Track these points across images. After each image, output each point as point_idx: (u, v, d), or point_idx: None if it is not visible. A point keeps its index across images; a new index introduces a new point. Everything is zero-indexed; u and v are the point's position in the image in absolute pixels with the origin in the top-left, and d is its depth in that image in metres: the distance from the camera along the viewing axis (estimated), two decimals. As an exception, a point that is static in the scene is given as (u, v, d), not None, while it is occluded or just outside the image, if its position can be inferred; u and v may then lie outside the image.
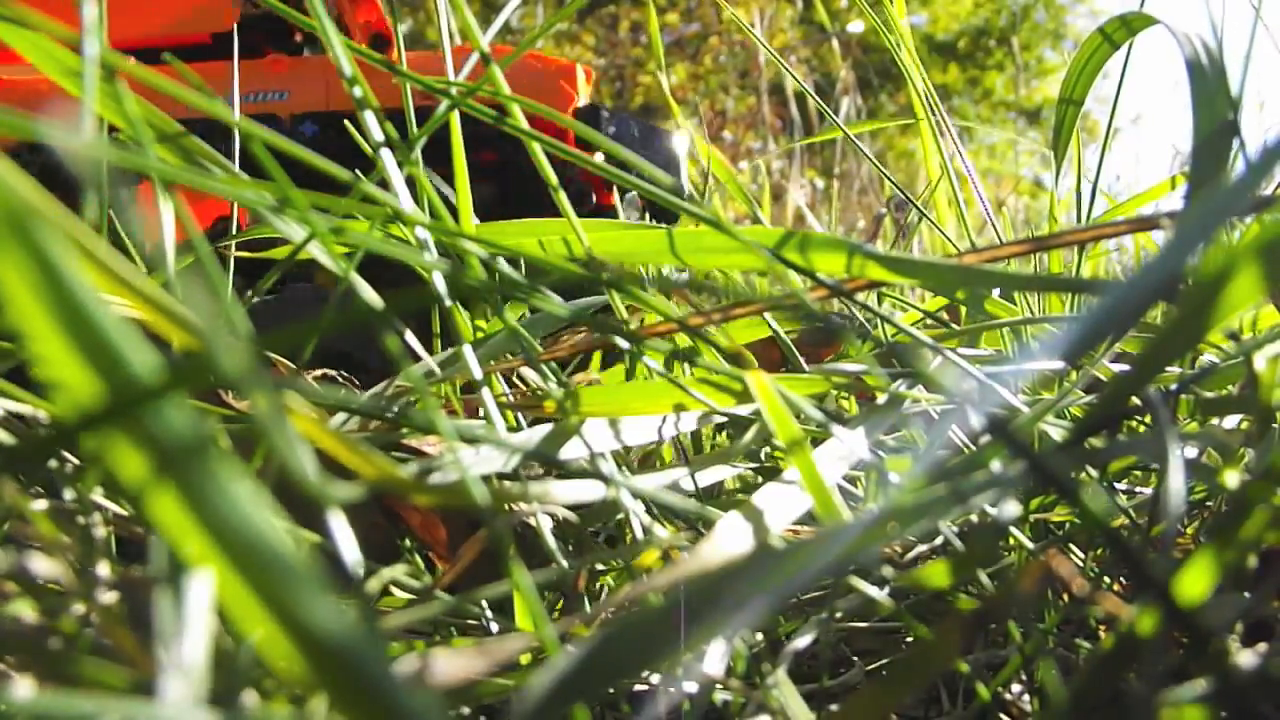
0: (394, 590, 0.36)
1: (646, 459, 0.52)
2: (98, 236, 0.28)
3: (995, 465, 0.28)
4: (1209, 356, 0.48)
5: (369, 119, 0.37)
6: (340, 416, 0.38)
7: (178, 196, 0.35)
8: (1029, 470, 0.22)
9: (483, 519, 0.24)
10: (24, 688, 0.23)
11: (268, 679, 0.22)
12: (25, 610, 0.25)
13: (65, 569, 0.25)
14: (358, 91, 0.37)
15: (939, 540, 0.39)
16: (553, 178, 0.42)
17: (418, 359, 0.41)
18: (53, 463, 0.32)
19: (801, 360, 0.46)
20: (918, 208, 0.64)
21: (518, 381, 0.48)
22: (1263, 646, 0.28)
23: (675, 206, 0.36)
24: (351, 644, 0.17)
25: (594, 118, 1.23)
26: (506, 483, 0.35)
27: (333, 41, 0.36)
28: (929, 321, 0.57)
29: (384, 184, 0.38)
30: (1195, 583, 0.23)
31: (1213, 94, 0.40)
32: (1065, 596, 0.36)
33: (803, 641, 0.31)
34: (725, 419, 0.41)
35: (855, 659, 0.39)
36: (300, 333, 0.18)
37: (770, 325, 0.47)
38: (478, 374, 0.35)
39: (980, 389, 0.35)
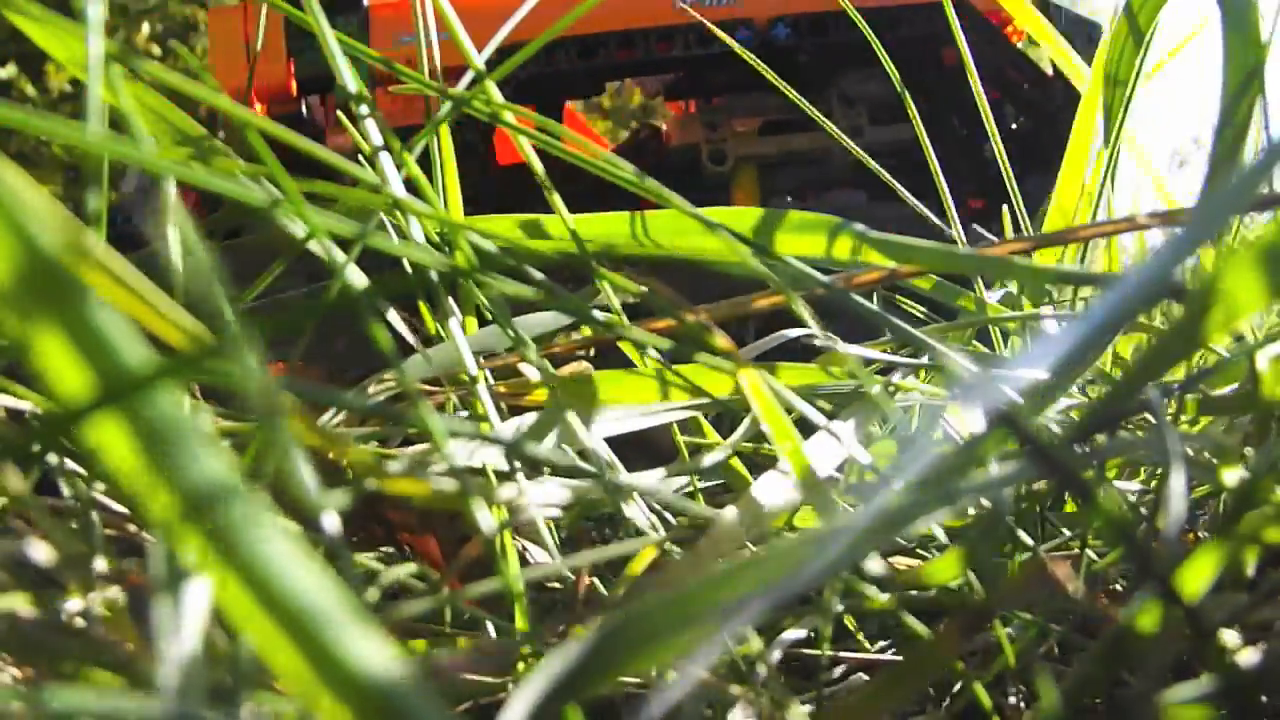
0: (389, 585, 0.36)
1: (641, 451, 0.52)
2: (96, 234, 0.27)
3: (993, 461, 0.27)
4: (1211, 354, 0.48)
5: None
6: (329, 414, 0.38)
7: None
8: (1032, 460, 0.22)
9: (475, 525, 0.24)
10: (20, 683, 0.23)
11: (266, 676, 0.22)
12: (21, 605, 0.25)
13: (62, 563, 0.25)
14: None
15: (935, 537, 0.39)
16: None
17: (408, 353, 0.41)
18: (51, 459, 0.32)
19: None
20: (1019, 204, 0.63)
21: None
22: (1263, 646, 0.28)
23: (648, 191, 0.36)
24: (353, 646, 0.17)
25: (1043, 8, 1.26)
26: (501, 481, 0.35)
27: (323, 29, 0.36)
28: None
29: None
30: (1197, 578, 0.23)
31: (1245, 40, 0.38)
32: (1061, 596, 0.36)
33: (795, 634, 0.31)
34: (719, 410, 0.41)
35: (855, 656, 0.38)
36: (292, 323, 0.18)
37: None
38: (472, 368, 0.35)
39: (980, 381, 0.34)
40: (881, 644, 0.39)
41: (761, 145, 1.32)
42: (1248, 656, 0.23)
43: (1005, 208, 0.58)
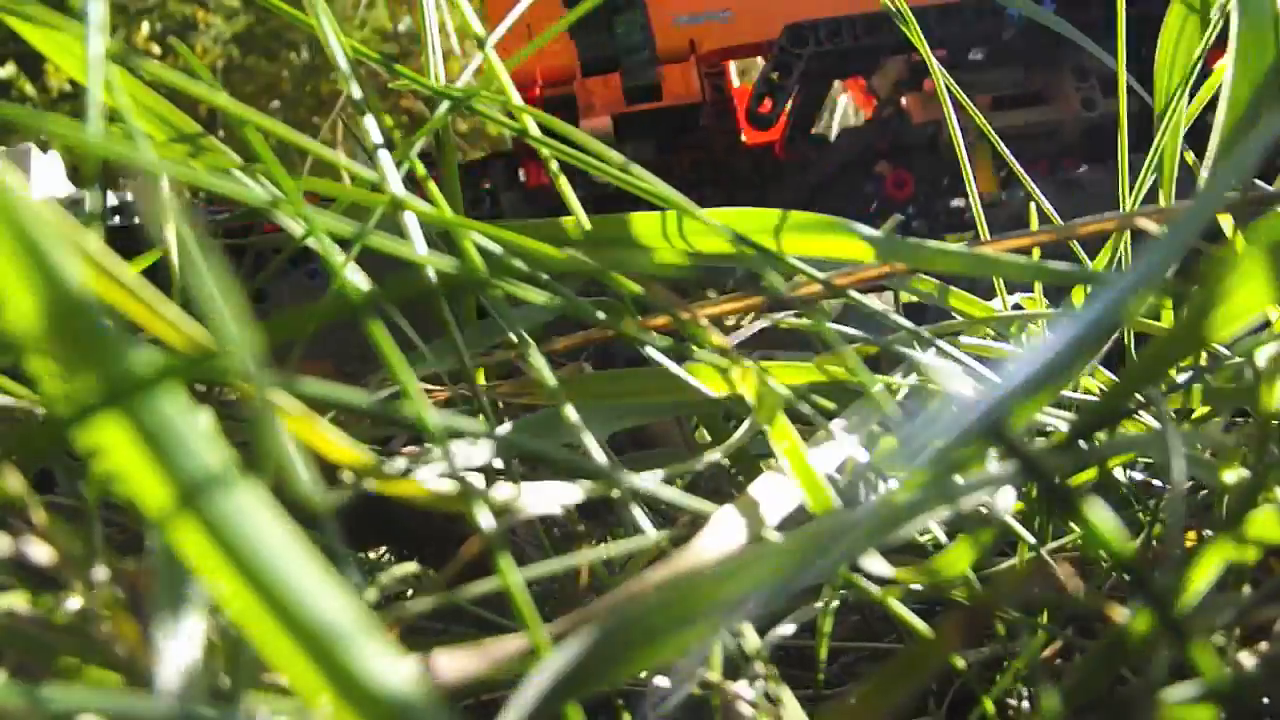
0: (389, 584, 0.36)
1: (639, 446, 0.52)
2: (95, 234, 0.27)
3: (994, 458, 0.27)
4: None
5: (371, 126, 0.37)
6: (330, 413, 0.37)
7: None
8: (1022, 470, 0.22)
9: (472, 523, 0.24)
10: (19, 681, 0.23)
11: (267, 676, 0.22)
12: (20, 603, 0.25)
13: (62, 561, 0.25)
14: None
15: (930, 535, 0.39)
16: None
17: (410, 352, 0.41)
18: (51, 459, 0.32)
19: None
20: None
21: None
22: (1263, 646, 0.28)
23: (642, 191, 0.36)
24: (354, 644, 0.17)
25: None
26: (500, 480, 0.35)
27: (333, 45, 0.36)
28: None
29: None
30: (1193, 582, 0.23)
31: (1260, 39, 0.38)
32: (1062, 595, 0.36)
33: (788, 629, 0.31)
34: (720, 409, 0.41)
35: (856, 645, 0.39)
36: (293, 323, 0.18)
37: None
38: (470, 367, 0.35)
39: (975, 383, 0.34)
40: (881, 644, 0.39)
41: (999, 120, 1.33)
42: (1246, 658, 0.23)
43: None
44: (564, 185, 0.42)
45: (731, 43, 1.28)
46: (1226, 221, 0.41)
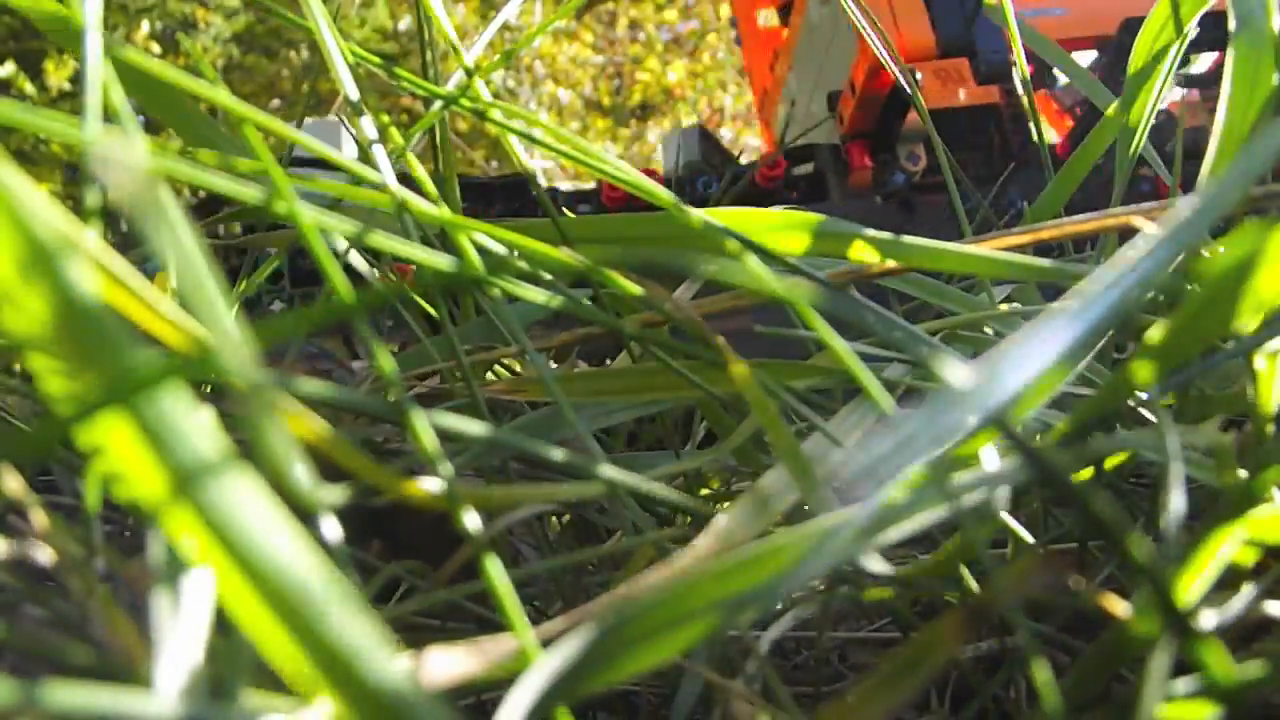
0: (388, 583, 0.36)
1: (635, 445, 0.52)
2: (94, 233, 0.27)
3: (992, 455, 0.27)
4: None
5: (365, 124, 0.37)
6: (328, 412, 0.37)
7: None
8: (1025, 463, 0.22)
9: (460, 526, 0.24)
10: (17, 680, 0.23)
11: (268, 675, 0.22)
12: (21, 605, 0.25)
13: (62, 563, 0.25)
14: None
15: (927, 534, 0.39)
16: None
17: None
18: (52, 459, 0.32)
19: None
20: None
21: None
22: (1259, 644, 0.28)
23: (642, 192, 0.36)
24: (353, 641, 0.17)
25: None
26: (497, 479, 0.35)
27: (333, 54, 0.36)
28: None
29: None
30: (1193, 580, 0.23)
31: (1255, 46, 0.38)
32: (1062, 591, 0.36)
33: (786, 622, 0.31)
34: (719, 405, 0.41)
35: (855, 636, 0.39)
36: (290, 325, 0.18)
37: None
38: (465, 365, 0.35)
39: (974, 379, 0.34)
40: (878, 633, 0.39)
41: None
42: (1243, 657, 0.23)
43: None
44: (540, 188, 0.42)
45: (1065, 35, 1.30)
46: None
